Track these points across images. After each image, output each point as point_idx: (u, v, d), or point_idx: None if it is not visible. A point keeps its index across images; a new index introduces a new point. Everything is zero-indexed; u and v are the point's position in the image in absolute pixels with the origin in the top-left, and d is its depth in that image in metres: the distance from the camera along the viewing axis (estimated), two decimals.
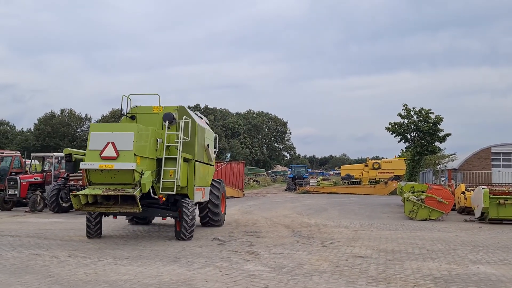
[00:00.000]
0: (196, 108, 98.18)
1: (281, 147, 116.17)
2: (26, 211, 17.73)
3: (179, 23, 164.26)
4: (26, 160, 22.29)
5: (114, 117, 76.56)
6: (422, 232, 12.61)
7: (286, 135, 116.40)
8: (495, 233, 12.48)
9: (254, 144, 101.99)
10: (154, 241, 10.47)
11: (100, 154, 9.50)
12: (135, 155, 9.47)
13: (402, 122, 36.97)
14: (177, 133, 10.81)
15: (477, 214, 15.29)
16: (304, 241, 10.60)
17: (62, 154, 17.67)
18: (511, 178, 36.31)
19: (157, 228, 13.21)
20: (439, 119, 35.69)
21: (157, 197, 10.37)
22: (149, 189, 9.98)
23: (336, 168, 78.58)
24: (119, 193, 9.34)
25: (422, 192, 18.77)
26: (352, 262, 7.91)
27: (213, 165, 13.93)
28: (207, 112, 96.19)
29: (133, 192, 9.31)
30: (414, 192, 19.08)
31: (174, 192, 10.35)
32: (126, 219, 13.83)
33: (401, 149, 41.59)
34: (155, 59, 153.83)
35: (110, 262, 7.88)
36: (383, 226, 13.95)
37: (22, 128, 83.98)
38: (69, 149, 14.97)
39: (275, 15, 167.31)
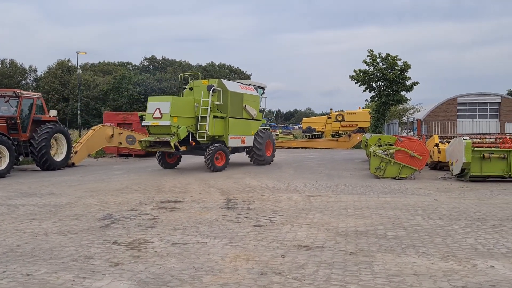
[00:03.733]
0: (152, 60, 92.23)
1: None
2: None
3: None
4: None
5: (62, 68, 70.32)
6: (393, 196, 9.79)
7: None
8: (483, 196, 9.81)
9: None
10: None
11: (152, 116, 14.61)
12: (171, 115, 14.35)
13: (367, 69, 34.15)
14: (207, 99, 15.31)
15: (456, 170, 12.66)
16: (233, 217, 7.49)
17: None
18: (476, 128, 34.74)
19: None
20: (406, 66, 33.06)
21: (191, 142, 15.19)
22: (189, 137, 15.16)
23: (300, 123, 76.14)
24: (162, 139, 14.42)
25: (391, 145, 16.05)
26: (291, 262, 4.84)
27: (257, 120, 17.99)
28: (165, 64, 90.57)
29: (170, 139, 14.23)
30: (381, 146, 16.32)
31: (205, 139, 15.35)
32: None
33: (366, 100, 39.06)
34: (117, 10, 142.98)
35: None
36: (344, 189, 11.07)
37: None
38: (141, 112, 17.78)
39: None
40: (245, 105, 17.11)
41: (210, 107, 15.31)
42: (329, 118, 39.70)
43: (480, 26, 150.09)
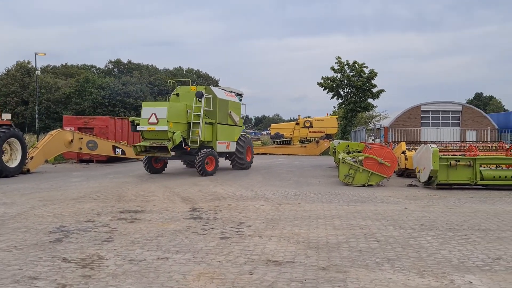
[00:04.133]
0: (117, 63, 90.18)
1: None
2: None
3: None
4: None
5: (22, 70, 67.50)
6: (363, 205, 9.59)
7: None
8: (451, 204, 9.77)
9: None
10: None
11: (147, 121, 14.90)
12: (167, 121, 14.70)
13: (335, 76, 34.36)
14: (199, 105, 15.85)
15: (423, 178, 12.66)
16: (198, 228, 7.04)
17: None
18: (439, 135, 35.62)
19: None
20: (373, 74, 33.43)
21: (185, 147, 15.65)
22: (182, 142, 15.46)
23: (268, 128, 76.10)
24: (158, 145, 14.80)
25: (359, 152, 16.00)
26: (259, 280, 4.45)
27: (239, 126, 18.81)
28: (131, 68, 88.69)
29: (166, 144, 14.64)
30: (349, 153, 16.27)
31: (198, 145, 15.78)
32: (183, 164, 19.32)
33: (333, 106, 39.36)
34: (79, 12, 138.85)
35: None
36: (313, 197, 10.81)
37: None
38: (132, 117, 17.90)
39: None
40: (230, 112, 17.86)
41: (202, 114, 15.88)
42: (297, 124, 39.77)
43: (441, 37, 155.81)
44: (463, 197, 10.81)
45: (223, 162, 19.28)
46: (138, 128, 15.22)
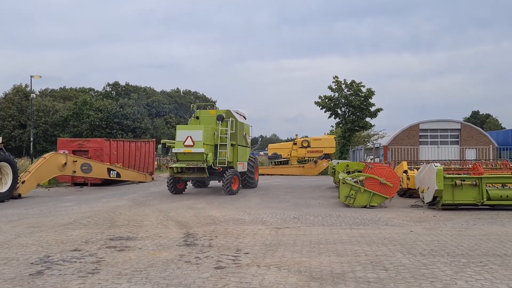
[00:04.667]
0: (115, 85, 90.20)
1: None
2: None
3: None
4: None
5: (19, 93, 67.39)
6: (366, 228, 9.12)
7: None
8: (460, 226, 9.31)
9: (181, 124, 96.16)
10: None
11: (183, 143, 15.69)
12: (203, 143, 15.62)
13: (332, 95, 34.25)
14: (226, 128, 16.86)
15: (428, 198, 12.20)
16: (191, 256, 6.56)
17: None
18: (438, 154, 35.24)
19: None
20: (370, 93, 33.39)
21: (217, 168, 16.32)
22: (212, 164, 16.15)
23: (265, 149, 75.77)
24: (196, 166, 15.72)
25: (359, 172, 15.59)
26: None
27: (249, 147, 20.19)
28: (129, 90, 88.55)
29: (204, 165, 15.61)
30: (349, 173, 15.85)
31: (226, 165, 16.61)
32: (192, 184, 19.36)
33: (331, 125, 39.09)
34: (80, 37, 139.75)
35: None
36: (313, 220, 10.33)
37: None
38: (165, 139, 19.09)
39: None
40: (245, 134, 19.17)
41: (226, 136, 16.96)
42: (295, 144, 39.34)
43: (436, 57, 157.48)
44: (470, 219, 10.35)
45: (213, 183, 19.66)
46: (174, 150, 16.09)
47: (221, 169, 16.53)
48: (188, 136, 15.64)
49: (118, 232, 8.82)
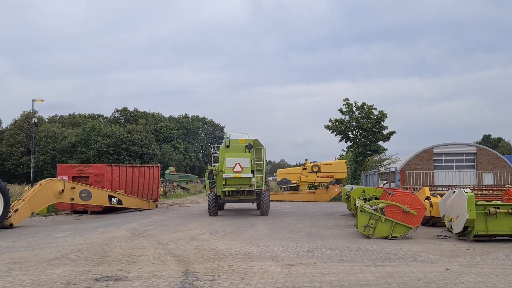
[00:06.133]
0: (124, 111, 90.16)
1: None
2: None
3: (118, 28, 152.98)
4: None
5: (28, 120, 67.40)
6: (393, 264, 7.89)
7: (224, 140, 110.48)
8: (501, 262, 8.04)
9: (189, 149, 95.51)
10: None
11: (233, 169, 17.64)
12: (250, 169, 17.94)
13: (343, 118, 33.19)
14: (261, 156, 19.19)
15: (457, 228, 10.92)
16: None
17: None
18: (454, 179, 33.73)
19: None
20: (383, 115, 32.25)
21: (262, 190, 18.77)
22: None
23: (274, 174, 74.49)
24: (245, 189, 18.00)
25: (376, 198, 14.39)
26: None
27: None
28: (137, 116, 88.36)
29: (252, 188, 18.02)
30: (366, 199, 14.63)
31: (262, 189, 18.80)
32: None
33: (342, 149, 37.85)
34: (92, 64, 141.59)
35: None
36: (330, 254, 9.10)
37: None
38: (210, 166, 20.57)
39: (218, 23, 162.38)
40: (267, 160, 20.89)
41: (261, 162, 19.04)
42: (305, 169, 38.10)
43: (443, 81, 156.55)
44: (510, 252, 9.06)
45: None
46: (224, 176, 17.59)
47: (266, 191, 19.08)
48: (236, 163, 17.53)
49: (107, 270, 7.69)
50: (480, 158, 41.78)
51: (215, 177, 19.23)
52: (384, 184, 27.47)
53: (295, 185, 36.04)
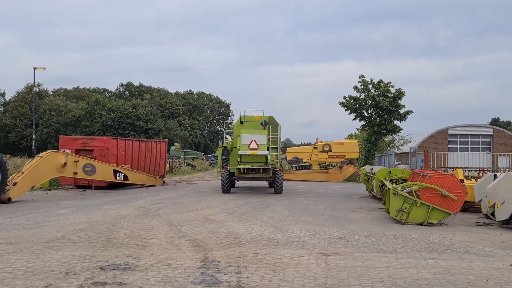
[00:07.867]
0: (128, 86, 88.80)
1: (224, 130, 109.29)
2: None
3: (126, 2, 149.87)
4: None
5: (31, 92, 66.24)
6: (444, 257, 6.78)
7: (229, 117, 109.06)
8: None
9: (194, 126, 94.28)
10: None
11: (248, 146, 17.11)
12: (266, 147, 17.39)
13: (358, 96, 31.77)
14: (276, 133, 18.81)
15: (503, 215, 9.80)
16: None
17: None
18: (468, 161, 32.48)
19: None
20: (400, 94, 30.79)
21: (277, 168, 18.26)
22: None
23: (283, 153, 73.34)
24: (260, 167, 17.46)
25: (404, 180, 13.26)
26: None
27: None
28: (142, 91, 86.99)
29: (267, 166, 17.51)
30: (393, 181, 13.49)
31: (277, 167, 18.42)
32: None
33: (356, 128, 36.45)
34: (98, 38, 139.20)
35: None
36: (366, 243, 8.01)
37: None
38: (226, 142, 19.97)
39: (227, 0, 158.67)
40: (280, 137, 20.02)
41: (276, 140, 18.68)
42: (315, 148, 36.95)
43: (452, 63, 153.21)
44: None
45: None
46: (240, 152, 17.07)
47: (281, 169, 18.51)
48: (252, 140, 17.01)
49: (114, 255, 6.64)
50: (496, 140, 40.43)
51: (229, 153, 18.70)
52: (395, 166, 26.26)
53: (306, 164, 34.92)
